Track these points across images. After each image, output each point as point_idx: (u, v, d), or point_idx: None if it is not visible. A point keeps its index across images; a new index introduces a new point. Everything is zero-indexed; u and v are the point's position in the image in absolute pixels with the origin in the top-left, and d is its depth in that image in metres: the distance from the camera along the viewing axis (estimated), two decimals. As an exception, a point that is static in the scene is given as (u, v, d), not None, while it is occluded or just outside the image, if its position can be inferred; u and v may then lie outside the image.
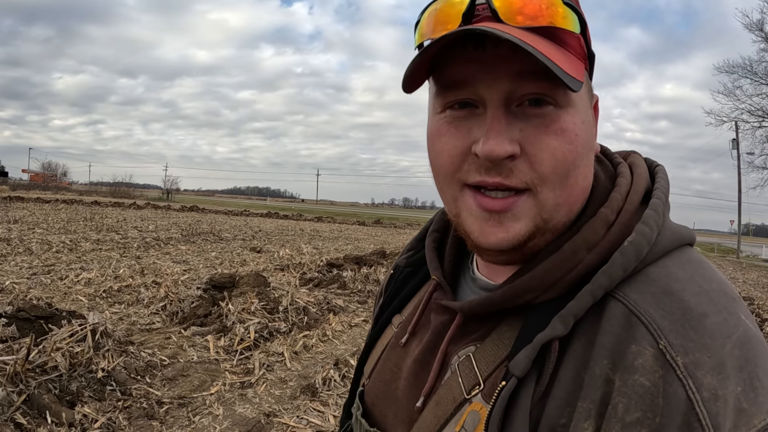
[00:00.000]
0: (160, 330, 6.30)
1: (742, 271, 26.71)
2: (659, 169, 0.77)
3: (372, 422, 0.84)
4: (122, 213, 30.19)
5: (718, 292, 0.62)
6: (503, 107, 0.64)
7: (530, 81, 0.62)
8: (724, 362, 0.56)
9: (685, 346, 0.56)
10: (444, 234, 0.91)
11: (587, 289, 0.63)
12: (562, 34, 0.65)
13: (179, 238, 17.10)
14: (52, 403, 3.71)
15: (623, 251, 0.63)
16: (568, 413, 0.60)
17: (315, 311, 7.43)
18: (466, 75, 0.65)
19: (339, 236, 25.69)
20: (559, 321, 0.62)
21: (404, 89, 0.68)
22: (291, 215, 47.53)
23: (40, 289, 7.74)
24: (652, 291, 0.61)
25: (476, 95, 0.65)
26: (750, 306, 12.04)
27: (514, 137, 0.63)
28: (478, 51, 0.63)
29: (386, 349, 0.89)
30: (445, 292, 0.82)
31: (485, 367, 0.69)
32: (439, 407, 0.72)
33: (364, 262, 12.25)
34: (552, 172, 0.64)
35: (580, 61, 0.67)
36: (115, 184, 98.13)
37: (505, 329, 0.70)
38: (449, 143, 0.68)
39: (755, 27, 34.50)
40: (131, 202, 46.39)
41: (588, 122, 0.68)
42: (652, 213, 0.67)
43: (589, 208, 0.71)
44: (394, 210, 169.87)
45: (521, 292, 0.68)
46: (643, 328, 0.58)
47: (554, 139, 0.64)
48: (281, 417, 4.27)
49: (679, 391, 0.54)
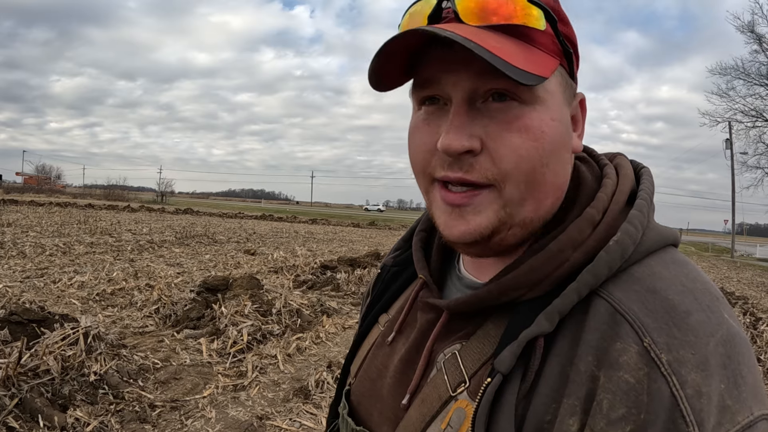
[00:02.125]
0: (153, 333, 6.29)
1: (736, 271, 26.79)
2: (644, 171, 0.79)
3: (358, 421, 0.85)
4: (116, 216, 30.04)
5: (702, 291, 0.63)
6: (466, 104, 0.65)
7: (491, 79, 0.63)
8: (707, 360, 0.57)
9: (669, 344, 0.57)
10: (431, 234, 0.92)
11: (573, 287, 0.64)
12: (528, 32, 0.66)
13: (173, 241, 17.05)
14: (44, 407, 3.71)
15: (608, 250, 0.64)
16: (554, 410, 0.60)
17: (308, 313, 7.42)
18: (434, 73, 0.67)
19: (333, 238, 25.66)
20: (544, 318, 0.63)
21: (374, 87, 0.70)
22: (285, 217, 47.37)
23: (33, 293, 7.70)
24: (636, 289, 0.62)
25: (443, 92, 0.67)
26: (744, 305, 12.05)
27: (475, 133, 0.65)
28: (444, 50, 0.65)
29: (372, 348, 0.90)
30: (432, 291, 0.83)
31: (471, 365, 0.70)
32: (424, 405, 0.72)
33: (358, 264, 12.22)
34: (514, 169, 0.65)
35: (552, 58, 0.68)
36: (109, 187, 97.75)
37: (490, 327, 0.71)
38: (422, 139, 0.70)
39: (747, 28, 34.65)
40: (125, 204, 46.23)
41: (561, 120, 0.69)
42: (637, 213, 0.68)
43: (576, 208, 0.72)
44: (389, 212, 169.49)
45: (507, 290, 0.68)
46: (628, 326, 0.59)
47: (517, 136, 0.64)
48: (274, 420, 4.27)
49: (663, 387, 0.55)
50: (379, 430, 0.81)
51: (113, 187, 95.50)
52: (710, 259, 36.18)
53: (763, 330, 8.66)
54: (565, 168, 0.72)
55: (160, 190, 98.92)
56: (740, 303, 12.31)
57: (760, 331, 8.61)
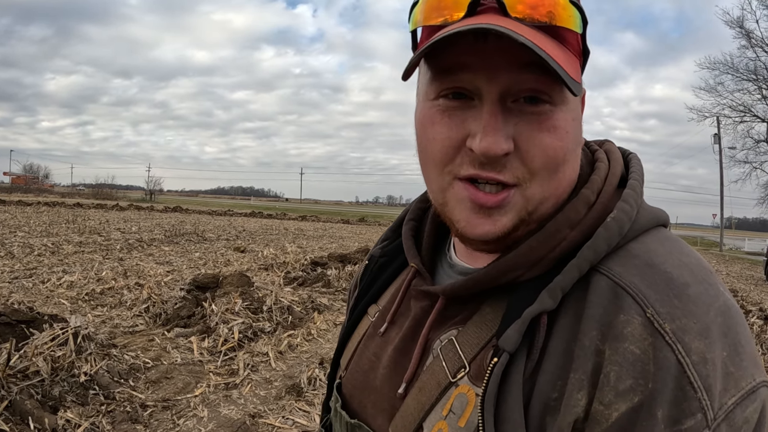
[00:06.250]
0: (144, 332, 6.26)
1: (725, 264, 27.00)
2: (633, 156, 0.80)
3: (352, 413, 0.84)
4: (105, 215, 29.91)
5: (697, 265, 0.65)
6: (499, 103, 0.64)
7: (530, 74, 0.62)
8: (709, 328, 0.58)
9: (672, 314, 0.58)
10: (420, 223, 0.92)
11: (573, 263, 0.64)
12: (563, 33, 0.65)
13: (162, 239, 16.98)
14: (34, 409, 3.68)
15: (607, 226, 0.66)
16: (560, 386, 0.61)
17: (299, 310, 7.41)
18: (465, 62, 0.64)
19: (323, 235, 25.66)
20: (547, 295, 0.63)
21: (403, 78, 0.66)
22: (275, 214, 47.33)
23: (22, 293, 7.66)
24: (635, 264, 0.63)
25: (473, 85, 0.64)
26: (734, 297, 12.15)
27: (509, 133, 0.64)
28: (479, 41, 0.62)
29: (363, 340, 0.90)
30: (425, 279, 0.82)
31: (469, 350, 0.69)
32: (422, 393, 0.72)
33: (348, 260, 12.23)
34: (543, 168, 0.65)
35: (577, 60, 0.68)
36: (98, 186, 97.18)
37: (487, 311, 0.71)
38: (442, 133, 0.67)
39: (735, 24, 34.86)
40: (114, 203, 45.93)
41: (578, 118, 0.69)
42: (631, 192, 0.70)
43: (572, 192, 0.72)
44: (378, 208, 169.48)
45: (506, 270, 0.69)
46: (630, 299, 0.60)
47: (546, 135, 0.64)
48: (266, 418, 4.27)
49: (669, 356, 0.56)
50: (373, 421, 0.80)
51: (101, 186, 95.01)
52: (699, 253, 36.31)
53: (753, 322, 8.77)
54: (578, 162, 0.73)
55: (149, 188, 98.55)
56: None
57: (749, 324, 8.67)
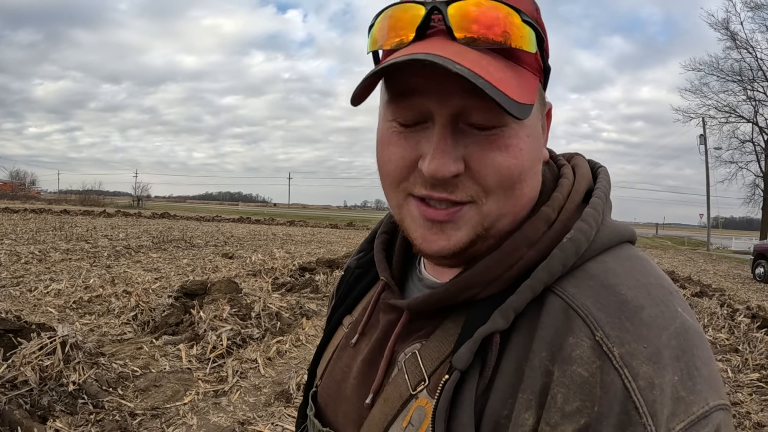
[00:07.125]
0: (132, 340, 6.25)
1: (712, 263, 27.11)
2: (601, 170, 0.80)
3: (324, 422, 0.86)
4: (92, 221, 29.65)
5: (656, 285, 0.65)
6: (450, 125, 0.64)
7: (479, 101, 0.62)
8: (660, 352, 0.58)
9: (621, 338, 0.58)
10: (392, 236, 0.93)
11: (527, 284, 0.64)
12: (518, 53, 0.66)
13: (150, 246, 16.91)
14: (23, 419, 3.68)
15: (562, 247, 0.66)
16: (510, 405, 0.61)
17: (288, 316, 7.42)
18: (416, 86, 0.64)
19: (311, 240, 25.63)
20: (499, 315, 0.64)
21: (353, 103, 0.67)
22: (263, 220, 47.14)
23: (9, 302, 7.61)
24: (589, 285, 0.63)
25: (425, 108, 0.65)
26: (721, 296, 12.17)
27: (459, 155, 0.64)
28: (426, 66, 0.60)
29: (337, 350, 0.91)
30: (393, 292, 0.84)
31: (430, 363, 0.71)
32: (386, 404, 0.74)
33: (336, 265, 12.22)
34: (497, 186, 0.66)
35: (534, 77, 0.69)
36: (85, 192, 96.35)
37: (450, 326, 0.72)
38: (397, 153, 0.69)
39: (720, 26, 35.24)
40: (101, 210, 45.52)
41: (534, 135, 0.69)
42: (592, 211, 0.70)
43: (533, 209, 0.73)
44: (367, 212, 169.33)
45: (463, 288, 0.70)
46: (580, 321, 0.60)
47: (498, 154, 0.64)
48: (256, 424, 4.28)
49: (615, 380, 0.56)
50: (344, 430, 0.82)
51: (88, 192, 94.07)
52: (687, 253, 36.55)
53: (740, 321, 8.78)
54: (538, 179, 0.73)
55: (136, 194, 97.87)
56: (717, 295, 12.46)
57: (737, 322, 8.72)
